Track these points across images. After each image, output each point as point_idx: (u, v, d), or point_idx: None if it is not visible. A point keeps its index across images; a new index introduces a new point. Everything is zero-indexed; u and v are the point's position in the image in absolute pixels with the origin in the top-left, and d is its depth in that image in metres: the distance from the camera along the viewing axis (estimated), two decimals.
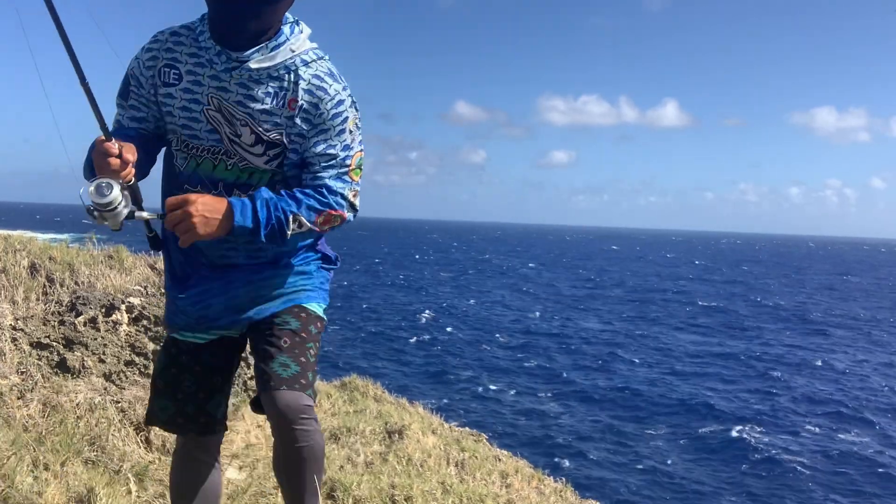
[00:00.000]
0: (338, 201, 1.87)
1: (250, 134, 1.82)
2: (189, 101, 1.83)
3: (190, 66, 1.82)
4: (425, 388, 19.05)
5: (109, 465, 3.35)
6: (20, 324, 4.30)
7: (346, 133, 1.86)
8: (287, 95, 1.81)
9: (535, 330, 30.77)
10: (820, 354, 27.00)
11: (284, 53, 1.79)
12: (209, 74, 1.81)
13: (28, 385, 3.72)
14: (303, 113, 1.82)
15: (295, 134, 1.84)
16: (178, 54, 1.83)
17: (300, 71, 1.81)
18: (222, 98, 1.80)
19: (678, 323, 34.51)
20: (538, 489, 5.36)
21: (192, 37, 1.84)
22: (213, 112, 1.82)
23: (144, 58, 1.87)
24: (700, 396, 20.07)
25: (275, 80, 1.80)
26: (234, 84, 1.79)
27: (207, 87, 1.81)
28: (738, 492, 13.30)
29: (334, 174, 1.86)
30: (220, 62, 1.78)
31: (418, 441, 5.28)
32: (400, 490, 3.91)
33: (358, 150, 1.92)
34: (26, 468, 2.86)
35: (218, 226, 1.71)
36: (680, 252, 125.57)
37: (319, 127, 1.83)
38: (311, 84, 1.82)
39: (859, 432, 17.23)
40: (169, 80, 1.84)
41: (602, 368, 23.42)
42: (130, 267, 5.66)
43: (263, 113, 1.81)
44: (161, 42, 1.86)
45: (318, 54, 1.86)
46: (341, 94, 1.85)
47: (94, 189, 1.63)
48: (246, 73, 1.78)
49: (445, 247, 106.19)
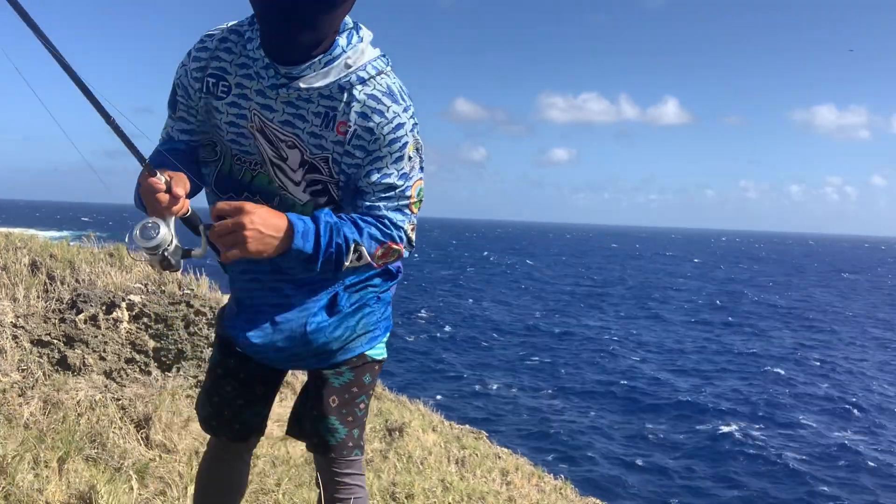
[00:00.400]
0: (399, 235, 1.69)
1: (297, 155, 1.67)
2: (236, 115, 1.69)
3: (238, 79, 1.67)
4: (425, 385, 19.06)
5: (110, 462, 3.35)
6: (21, 321, 4.30)
7: (404, 160, 1.66)
8: (337, 118, 1.62)
9: (535, 328, 30.78)
10: (817, 351, 27.03)
11: (339, 70, 1.60)
12: (255, 89, 1.64)
13: (29, 382, 3.72)
14: (356, 139, 1.64)
15: (346, 162, 1.67)
16: (227, 64, 1.67)
17: (355, 90, 1.61)
18: (265, 117, 1.65)
19: (677, 321, 34.53)
20: (538, 486, 5.36)
21: (240, 43, 1.67)
22: (255, 131, 1.68)
23: (192, 67, 1.71)
24: (699, 394, 20.09)
25: (326, 98, 1.62)
26: (281, 102, 1.63)
27: (253, 103, 1.66)
28: (736, 488, 13.32)
29: (393, 206, 1.68)
30: (268, 77, 1.61)
31: (419, 439, 5.29)
32: (401, 487, 3.92)
33: (417, 178, 1.71)
34: (27, 465, 2.86)
35: (273, 246, 1.52)
36: (679, 250, 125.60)
37: (374, 154, 1.64)
38: (367, 106, 1.62)
39: (856, 429, 17.27)
40: (217, 92, 1.69)
41: (602, 366, 23.43)
42: (131, 265, 5.67)
43: (311, 136, 1.65)
44: (209, 51, 1.69)
45: (378, 67, 1.65)
46: (401, 117, 1.64)
47: (140, 232, 1.48)
48: (294, 93, 1.61)
49: (444, 244, 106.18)
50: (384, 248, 1.67)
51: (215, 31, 1.72)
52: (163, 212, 1.50)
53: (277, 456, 4.10)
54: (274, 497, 3.50)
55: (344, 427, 1.90)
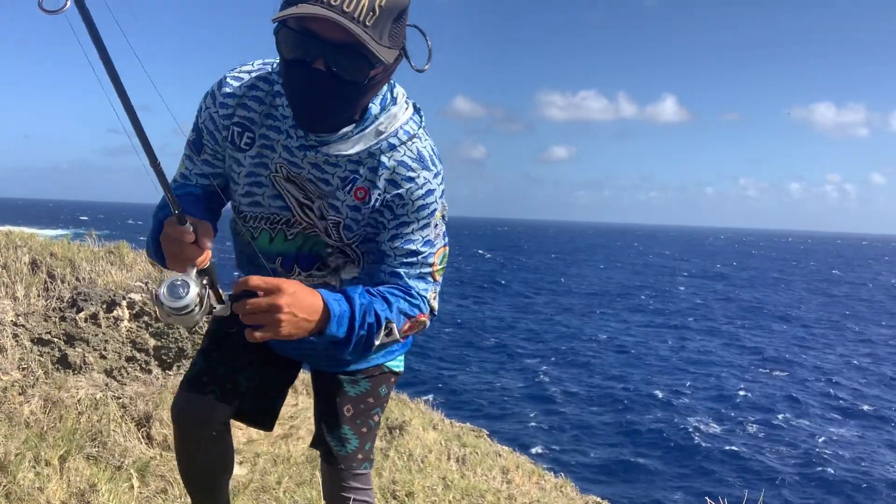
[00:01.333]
0: (424, 305, 1.63)
1: (318, 208, 1.63)
2: (257, 164, 1.62)
3: (265, 130, 1.61)
4: (425, 382, 19.07)
5: (111, 460, 3.35)
6: (21, 320, 4.30)
7: (430, 227, 1.62)
8: (357, 182, 1.58)
9: (534, 327, 30.79)
10: (812, 351, 27.06)
11: (369, 139, 1.55)
12: (283, 144, 1.59)
13: (29, 381, 3.72)
14: (385, 205, 1.60)
15: (365, 224, 1.63)
16: (255, 115, 1.61)
17: (384, 157, 1.57)
18: (292, 171, 1.60)
19: (675, 320, 34.55)
20: (539, 485, 5.36)
21: (270, 94, 1.60)
22: (280, 179, 1.61)
23: (220, 113, 1.63)
24: (698, 394, 20.11)
25: (353, 163, 1.58)
26: (307, 163, 1.58)
27: (279, 155, 1.60)
28: (740, 488, 13.32)
29: (416, 273, 1.62)
30: (296, 136, 1.56)
31: (419, 437, 5.29)
32: (401, 486, 3.92)
33: (441, 245, 1.67)
34: (28, 464, 2.87)
35: (306, 329, 1.43)
36: (676, 248, 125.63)
37: (402, 218, 1.60)
38: (396, 173, 1.57)
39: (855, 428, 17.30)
40: (241, 143, 1.62)
41: (602, 366, 23.44)
42: (131, 263, 5.67)
43: (333, 197, 1.61)
44: (237, 98, 1.62)
45: (410, 131, 1.60)
46: (431, 183, 1.60)
47: (167, 290, 1.34)
48: (322, 157, 1.56)
49: None
50: (412, 321, 1.60)
51: (242, 74, 1.64)
52: (185, 264, 1.39)
53: (278, 454, 4.10)
54: (275, 495, 3.50)
55: (356, 437, 1.85)
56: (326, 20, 1.33)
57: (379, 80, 1.49)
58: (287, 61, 1.44)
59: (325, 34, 1.36)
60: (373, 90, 1.50)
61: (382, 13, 1.35)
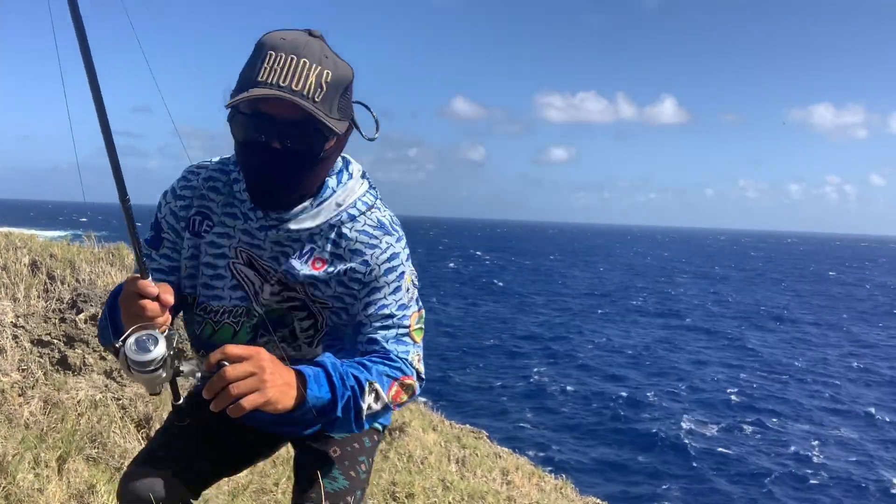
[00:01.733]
0: (407, 367, 1.58)
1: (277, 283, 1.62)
2: (215, 255, 1.63)
3: (223, 218, 1.62)
4: (425, 385, 19.02)
5: (111, 462, 3.35)
6: (21, 321, 4.30)
7: (401, 291, 1.61)
8: (314, 253, 1.59)
9: (533, 329, 30.79)
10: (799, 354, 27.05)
11: (328, 211, 1.58)
12: (241, 228, 1.61)
13: (29, 382, 3.72)
14: (352, 277, 1.60)
15: (330, 296, 1.62)
16: (213, 204, 1.63)
17: (344, 228, 1.60)
18: (253, 254, 1.61)
19: (674, 322, 34.55)
20: (539, 486, 5.37)
21: (227, 183, 1.64)
22: (241, 266, 1.62)
23: (179, 205, 1.65)
24: (695, 396, 20.10)
25: (316, 236, 1.60)
26: (269, 243, 1.59)
27: (237, 241, 1.61)
28: (739, 491, 13.32)
29: (393, 336, 1.59)
30: (256, 218, 1.58)
31: (419, 438, 5.29)
32: (401, 487, 3.92)
33: (415, 309, 1.65)
34: (27, 465, 2.86)
35: (290, 396, 1.36)
36: (674, 250, 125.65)
37: (371, 285, 1.60)
38: (359, 242, 1.60)
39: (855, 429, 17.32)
40: (201, 230, 1.63)
41: (601, 367, 23.44)
42: (131, 264, 5.66)
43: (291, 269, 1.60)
44: (195, 189, 1.65)
45: (368, 202, 1.64)
46: (394, 247, 1.62)
47: (135, 343, 1.28)
48: (284, 234, 1.57)
49: (439, 243, 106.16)
50: (397, 383, 1.55)
51: (200, 169, 1.68)
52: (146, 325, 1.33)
53: (277, 455, 4.10)
54: (274, 497, 3.50)
55: (344, 479, 1.66)
56: (278, 100, 1.40)
57: (331, 154, 1.54)
58: (243, 144, 1.49)
59: (278, 114, 1.43)
60: (326, 164, 1.55)
61: (329, 88, 1.44)
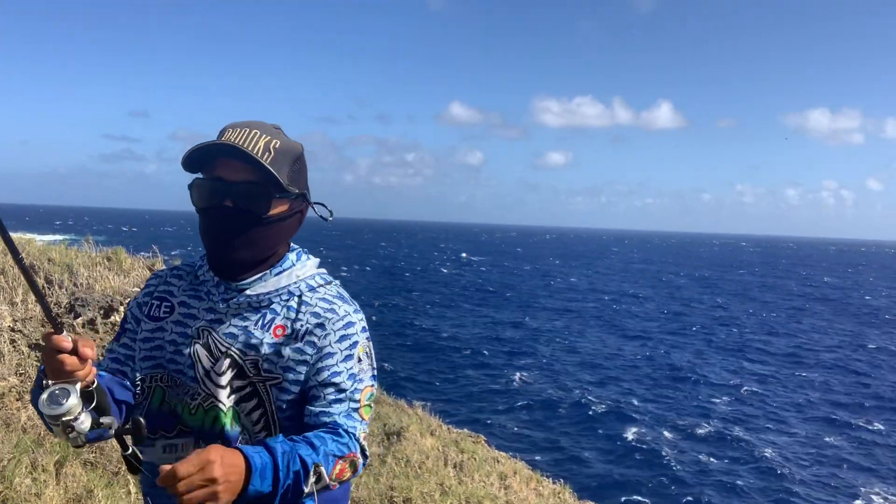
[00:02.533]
0: (354, 444, 1.58)
1: (225, 359, 1.63)
2: (179, 334, 1.67)
3: (184, 298, 1.70)
4: (423, 388, 19.05)
5: (108, 466, 3.35)
6: (19, 325, 4.30)
7: (353, 360, 1.64)
8: (276, 321, 1.64)
9: (531, 334, 30.79)
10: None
11: (288, 278, 1.66)
12: (205, 307, 1.67)
13: (27, 387, 3.71)
14: (307, 336, 1.63)
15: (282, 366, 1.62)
16: (175, 288, 1.73)
17: (305, 296, 1.66)
18: (213, 330, 1.64)
19: (672, 326, 34.60)
20: (536, 490, 5.36)
21: (191, 272, 1.74)
22: (198, 345, 1.65)
23: (144, 292, 1.76)
24: (697, 398, 20.12)
25: (274, 304, 1.65)
26: (230, 315, 1.64)
27: (201, 321, 1.66)
28: (738, 497, 13.33)
29: (345, 410, 1.61)
30: (218, 293, 1.65)
31: (416, 442, 5.28)
32: (399, 491, 3.91)
33: (368, 384, 1.67)
34: (25, 469, 2.86)
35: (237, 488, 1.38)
36: (671, 255, 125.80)
37: (325, 350, 1.62)
38: (319, 307, 1.65)
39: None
40: (160, 314, 1.70)
41: (599, 372, 23.45)
42: (129, 268, 5.66)
43: (249, 335, 1.63)
44: (160, 278, 1.77)
45: (327, 279, 1.71)
46: (351, 316, 1.66)
47: (47, 398, 1.33)
48: (245, 301, 1.63)
49: (434, 247, 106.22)
50: (342, 461, 1.55)
51: (172, 267, 1.81)
52: (67, 377, 1.37)
53: None
54: None
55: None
56: (231, 161, 1.55)
57: (284, 220, 1.64)
58: (201, 210, 1.62)
59: (230, 176, 1.57)
60: (280, 229, 1.64)
61: (277, 154, 1.58)
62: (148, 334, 1.70)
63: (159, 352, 1.69)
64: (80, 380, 1.38)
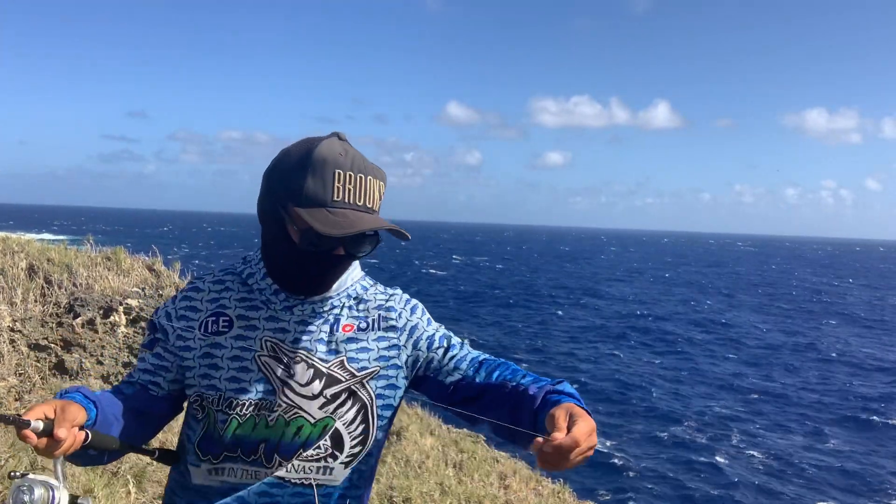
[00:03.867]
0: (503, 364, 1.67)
1: (306, 369, 1.61)
2: (241, 349, 1.63)
3: (241, 311, 1.66)
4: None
5: (107, 466, 3.35)
6: (18, 325, 4.29)
7: (431, 320, 1.76)
8: (342, 321, 1.66)
9: (530, 332, 30.82)
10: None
11: (343, 284, 1.68)
12: (265, 316, 1.64)
13: (26, 387, 3.71)
14: (381, 323, 1.69)
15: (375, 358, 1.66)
16: (225, 300, 1.67)
17: (362, 295, 1.71)
18: (279, 340, 1.63)
19: (671, 326, 34.63)
20: (536, 490, 5.36)
21: (238, 281, 1.70)
22: (265, 357, 1.62)
23: (180, 307, 1.68)
24: (690, 402, 20.13)
25: (335, 307, 1.66)
26: (294, 322, 1.63)
27: (262, 331, 1.63)
28: (734, 497, 13.33)
29: (471, 350, 1.73)
30: (279, 301, 1.63)
31: (416, 442, 5.28)
32: (399, 491, 3.91)
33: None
34: (24, 470, 2.86)
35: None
36: (670, 254, 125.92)
37: (409, 325, 1.71)
38: (378, 299, 1.72)
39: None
40: (219, 329, 1.65)
41: (598, 371, 23.45)
42: (128, 269, 5.66)
43: (320, 343, 1.63)
44: (203, 292, 1.69)
45: (371, 280, 1.77)
46: (403, 294, 1.77)
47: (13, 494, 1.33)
48: (309, 308, 1.63)
49: (430, 248, 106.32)
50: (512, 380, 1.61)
51: (204, 276, 1.75)
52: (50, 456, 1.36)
53: None
54: None
55: None
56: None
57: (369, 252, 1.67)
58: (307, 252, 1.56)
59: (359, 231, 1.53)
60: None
61: (383, 195, 1.60)
62: (208, 349, 1.64)
63: (215, 371, 1.63)
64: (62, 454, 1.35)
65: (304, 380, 1.60)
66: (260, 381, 1.61)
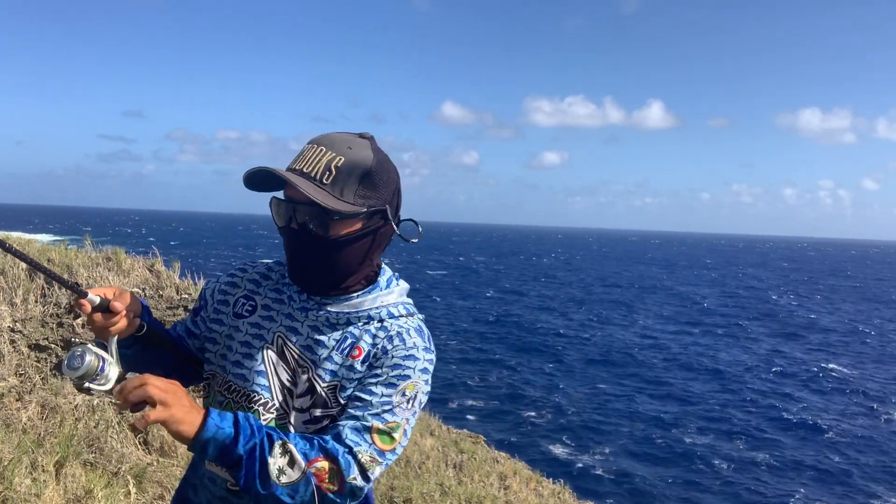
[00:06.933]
0: (345, 456, 1.45)
1: (305, 381, 1.57)
2: (253, 335, 1.63)
3: (268, 301, 1.66)
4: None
5: (108, 466, 3.35)
6: (19, 326, 4.29)
7: (395, 390, 1.53)
8: (355, 344, 1.57)
9: (530, 332, 30.78)
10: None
11: (371, 303, 1.60)
12: (285, 312, 1.63)
13: (27, 387, 3.71)
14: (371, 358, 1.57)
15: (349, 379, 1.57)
16: (261, 287, 1.69)
17: (386, 322, 1.60)
18: (288, 339, 1.60)
19: (671, 326, 34.61)
20: (536, 491, 5.36)
21: (280, 272, 1.70)
22: (272, 353, 1.61)
23: (223, 282, 1.73)
24: (689, 402, 20.11)
25: (352, 325, 1.59)
26: (307, 326, 1.60)
27: (278, 325, 1.62)
28: (733, 498, 13.33)
29: (354, 425, 1.50)
30: (299, 299, 1.61)
31: (416, 443, 5.28)
32: (399, 492, 3.91)
33: (400, 421, 1.53)
34: (25, 470, 2.86)
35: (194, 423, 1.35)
36: (670, 255, 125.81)
37: (375, 370, 1.55)
38: (393, 332, 1.58)
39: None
40: (242, 311, 1.67)
41: (597, 372, 23.45)
42: (129, 269, 5.66)
43: (328, 361, 1.57)
44: (247, 273, 1.72)
45: (410, 310, 1.65)
46: (418, 352, 1.57)
47: (67, 359, 1.34)
48: (324, 316, 1.59)
49: (426, 249, 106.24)
50: (321, 462, 1.44)
51: (258, 261, 1.78)
52: (104, 334, 1.41)
53: None
54: None
55: None
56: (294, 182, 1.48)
57: (358, 241, 1.56)
58: (278, 228, 1.59)
59: (293, 196, 1.52)
60: (353, 249, 1.56)
61: (340, 173, 1.50)
62: (232, 331, 1.66)
63: (230, 353, 1.65)
64: (115, 334, 1.42)
65: (300, 391, 1.58)
66: (261, 375, 1.61)
